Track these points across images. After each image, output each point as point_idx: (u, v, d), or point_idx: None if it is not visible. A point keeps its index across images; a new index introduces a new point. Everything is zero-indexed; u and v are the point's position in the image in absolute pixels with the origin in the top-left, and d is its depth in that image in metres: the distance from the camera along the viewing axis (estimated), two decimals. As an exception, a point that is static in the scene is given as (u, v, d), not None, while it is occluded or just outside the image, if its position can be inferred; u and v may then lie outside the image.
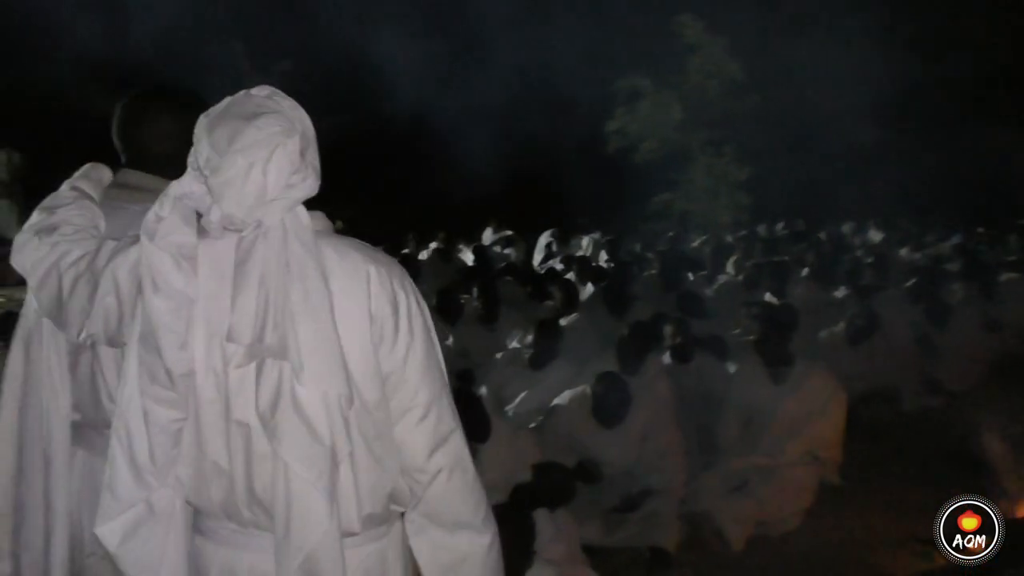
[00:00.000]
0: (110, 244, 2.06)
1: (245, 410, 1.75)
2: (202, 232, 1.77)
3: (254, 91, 1.82)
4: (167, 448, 1.77)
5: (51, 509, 2.24)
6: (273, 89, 1.83)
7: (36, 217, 2.20)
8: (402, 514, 1.92)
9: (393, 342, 1.80)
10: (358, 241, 1.88)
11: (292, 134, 1.74)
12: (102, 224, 2.19)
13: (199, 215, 1.79)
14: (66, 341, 2.19)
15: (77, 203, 2.20)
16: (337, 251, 1.80)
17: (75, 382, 2.23)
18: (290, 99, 1.82)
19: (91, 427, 2.23)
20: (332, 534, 1.72)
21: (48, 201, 2.23)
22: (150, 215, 1.78)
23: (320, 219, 1.87)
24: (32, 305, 2.21)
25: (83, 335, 2.05)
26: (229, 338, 1.71)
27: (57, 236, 2.11)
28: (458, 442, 1.89)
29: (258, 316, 1.70)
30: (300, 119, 1.79)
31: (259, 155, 1.70)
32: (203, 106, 1.87)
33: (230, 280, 1.73)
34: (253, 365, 1.74)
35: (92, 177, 2.32)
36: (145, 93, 2.39)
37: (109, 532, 1.79)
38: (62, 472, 2.24)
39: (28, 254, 2.12)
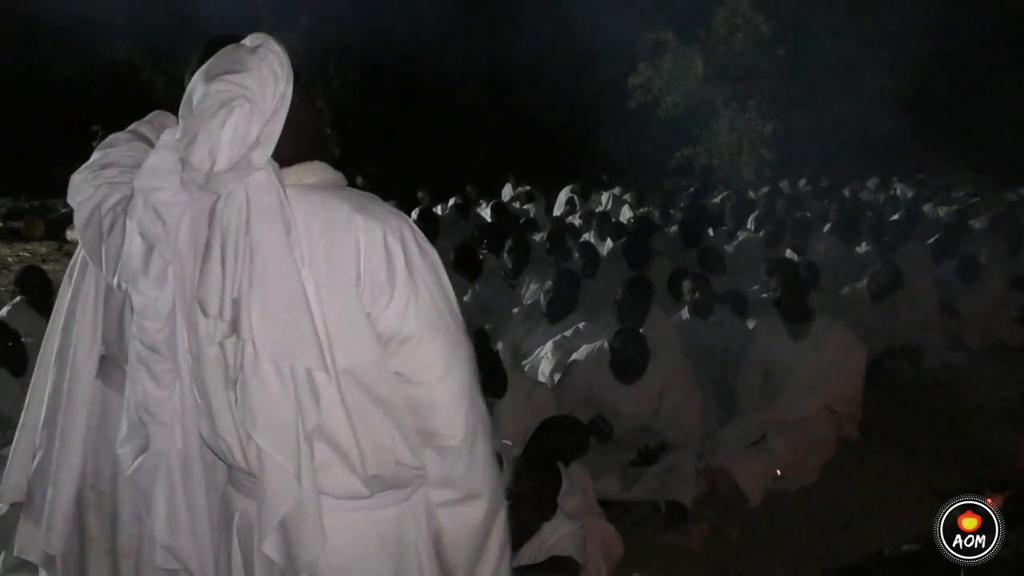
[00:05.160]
0: None
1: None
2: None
3: (246, 41, 1.74)
4: (153, 388, 1.83)
5: (64, 440, 2.24)
6: (266, 37, 1.73)
7: (93, 156, 2.21)
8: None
9: (389, 296, 1.69)
10: (356, 192, 1.78)
11: (247, 100, 1.64)
12: None
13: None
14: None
15: (129, 143, 2.21)
16: (327, 205, 1.71)
17: (106, 316, 2.24)
18: (279, 50, 1.71)
19: (113, 362, 2.24)
20: (306, 501, 1.68)
21: (106, 141, 2.25)
22: None
23: (319, 171, 1.79)
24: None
25: (116, 279, 2.05)
26: (203, 312, 1.69)
27: (103, 178, 2.12)
28: (481, 403, 1.82)
29: (222, 289, 1.66)
30: (275, 75, 1.68)
31: (212, 124, 1.63)
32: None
33: (203, 245, 1.69)
34: None
35: (155, 123, 2.31)
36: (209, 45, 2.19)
37: (124, 456, 1.90)
38: (80, 405, 2.24)
39: (77, 193, 2.13)
